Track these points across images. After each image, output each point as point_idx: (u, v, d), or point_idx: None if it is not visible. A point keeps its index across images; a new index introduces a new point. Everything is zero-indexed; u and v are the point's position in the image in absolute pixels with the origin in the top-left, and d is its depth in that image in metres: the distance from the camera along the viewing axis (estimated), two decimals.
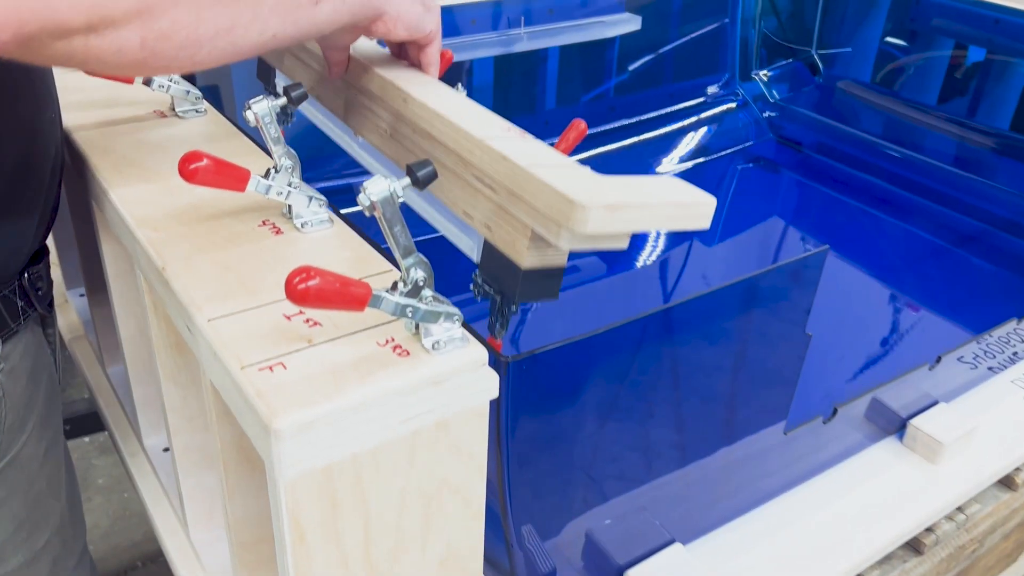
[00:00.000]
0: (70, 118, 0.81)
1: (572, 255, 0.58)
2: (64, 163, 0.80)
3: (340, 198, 0.85)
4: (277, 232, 0.65)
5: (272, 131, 0.62)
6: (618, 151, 1.65)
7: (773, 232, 1.67)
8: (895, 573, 0.88)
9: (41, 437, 0.77)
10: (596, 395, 0.67)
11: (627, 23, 1.48)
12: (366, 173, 0.82)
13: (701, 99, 1.75)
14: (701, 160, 1.73)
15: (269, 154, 0.68)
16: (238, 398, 0.51)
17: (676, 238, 1.57)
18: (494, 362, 0.56)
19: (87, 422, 1.93)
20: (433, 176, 0.50)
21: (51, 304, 0.84)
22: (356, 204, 0.85)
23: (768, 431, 0.82)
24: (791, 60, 1.83)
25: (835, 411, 0.86)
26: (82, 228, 0.89)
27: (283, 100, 0.62)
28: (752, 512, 0.87)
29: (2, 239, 0.70)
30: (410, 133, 0.68)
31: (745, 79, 1.80)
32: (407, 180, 0.49)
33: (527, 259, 0.58)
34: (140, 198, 0.69)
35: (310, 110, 0.89)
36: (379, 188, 0.48)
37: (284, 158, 0.64)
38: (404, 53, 0.76)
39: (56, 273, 1.14)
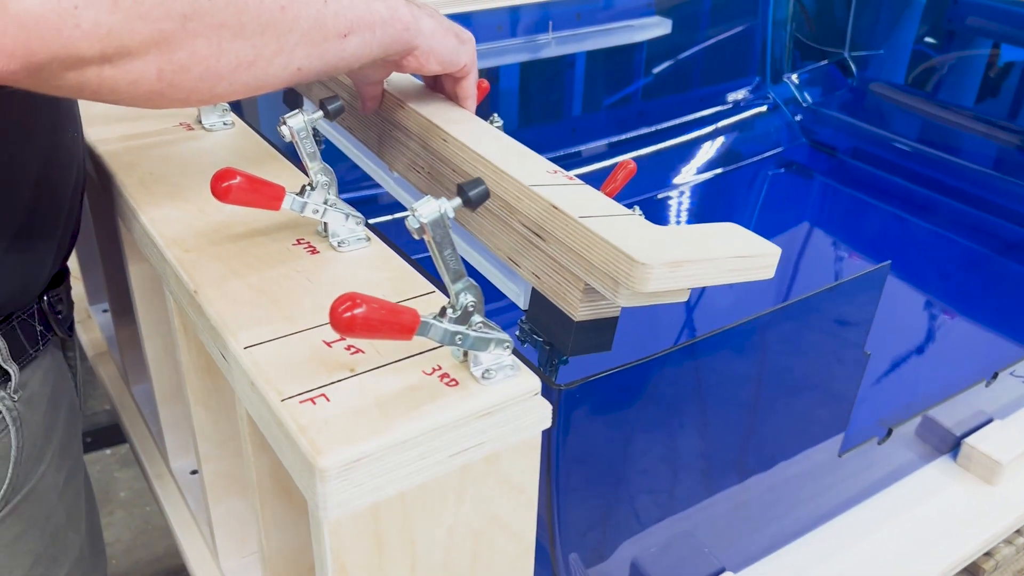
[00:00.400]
0: (93, 132, 0.78)
1: None
2: (87, 180, 0.77)
3: (364, 209, 0.82)
4: (313, 252, 0.62)
5: (308, 146, 0.59)
6: (647, 157, 1.61)
7: (806, 239, 1.63)
8: None
9: (60, 467, 0.74)
10: (647, 420, 0.63)
11: (657, 27, 1.45)
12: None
13: (731, 103, 1.71)
14: (732, 166, 1.69)
15: (303, 170, 0.66)
16: (278, 432, 0.48)
17: None
18: (545, 390, 0.53)
19: (109, 434, 1.91)
20: (485, 196, 0.47)
21: (71, 327, 0.81)
22: (383, 215, 0.82)
23: (821, 453, 0.79)
24: (823, 62, 1.79)
25: (890, 432, 0.82)
26: (107, 245, 0.86)
27: (319, 114, 0.59)
28: (804, 537, 0.83)
29: (21, 263, 0.67)
30: (450, 173, 0.66)
31: (776, 82, 1.76)
32: (458, 200, 0.46)
33: (580, 312, 0.56)
34: (169, 216, 0.66)
35: (341, 140, 0.86)
36: (429, 210, 0.45)
37: (320, 174, 0.61)
38: (439, 85, 0.74)
39: (79, 287, 1.11)
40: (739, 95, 1.72)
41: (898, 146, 1.67)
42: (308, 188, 0.61)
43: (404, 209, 0.78)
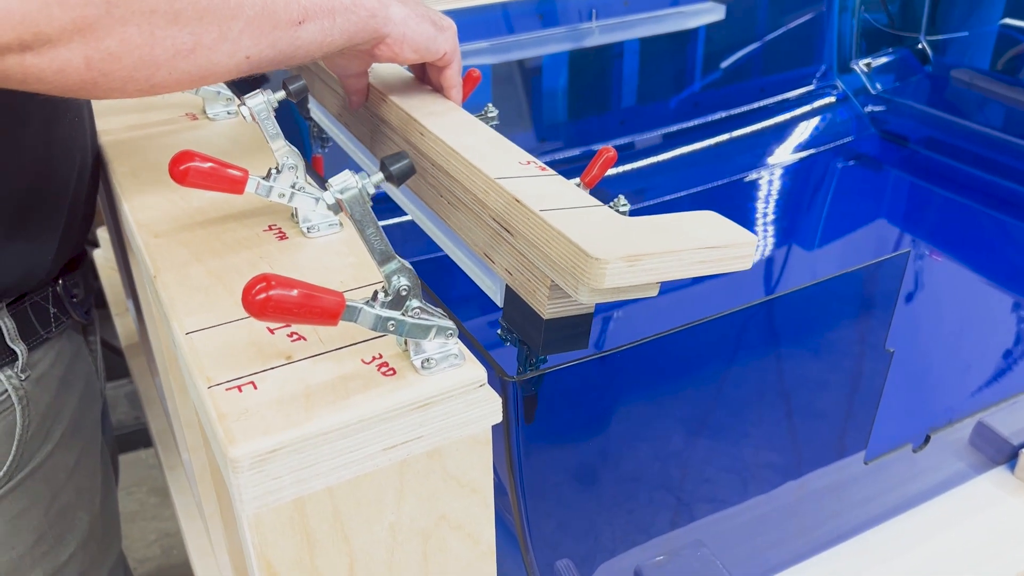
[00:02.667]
0: (101, 123, 0.79)
1: None
2: (101, 169, 0.78)
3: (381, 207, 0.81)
4: (282, 237, 0.60)
5: (269, 128, 0.57)
6: (704, 151, 1.55)
7: (879, 235, 1.53)
8: None
9: (71, 446, 0.75)
10: (630, 417, 0.59)
11: (709, 13, 1.39)
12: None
13: (795, 93, 1.63)
14: (796, 157, 1.61)
15: (305, 156, 0.64)
16: (205, 420, 0.46)
17: (774, 241, 1.47)
18: (499, 382, 0.49)
19: None
20: (410, 171, 0.44)
21: (89, 312, 0.82)
22: (402, 214, 0.80)
23: (847, 460, 0.72)
24: (896, 48, 1.68)
25: (927, 439, 0.75)
26: (118, 235, 0.87)
27: (281, 94, 0.57)
28: (828, 551, 0.77)
29: (22, 246, 0.68)
30: (430, 167, 0.65)
31: (844, 71, 1.66)
32: (379, 176, 0.43)
33: (548, 309, 0.53)
34: (148, 203, 0.65)
35: (340, 138, 0.85)
36: (347, 184, 0.42)
37: (287, 157, 0.59)
38: (426, 76, 0.72)
39: (117, 279, 1.14)
40: (804, 85, 1.63)
41: (980, 136, 1.55)
42: (274, 171, 0.59)
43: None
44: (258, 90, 0.57)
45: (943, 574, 0.76)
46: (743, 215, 1.51)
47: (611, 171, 1.49)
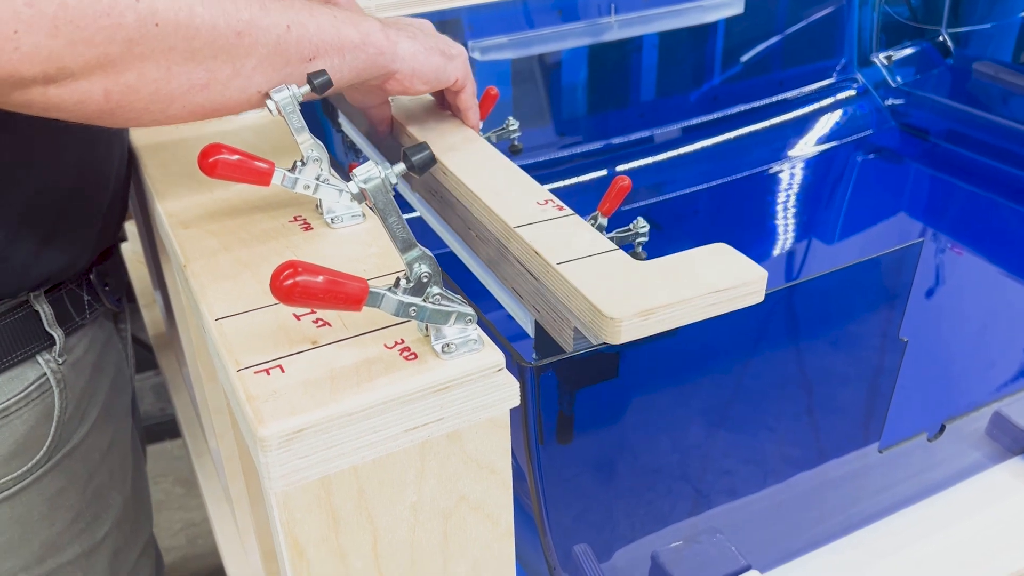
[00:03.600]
0: None
1: None
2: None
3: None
4: (307, 228, 0.62)
5: (295, 121, 0.59)
6: (723, 144, 1.55)
7: (899, 229, 1.53)
8: None
9: (104, 429, 0.78)
10: (647, 405, 0.60)
11: (728, 6, 1.39)
12: None
13: (814, 86, 1.63)
14: (815, 151, 1.61)
15: (331, 151, 0.66)
16: (235, 403, 0.48)
17: (794, 235, 1.47)
18: (517, 368, 0.51)
19: None
20: (431, 162, 0.45)
21: (120, 300, 0.85)
22: (422, 207, 0.82)
23: (862, 450, 0.73)
24: (917, 41, 1.68)
25: (943, 428, 0.76)
26: (147, 227, 0.89)
27: (306, 88, 0.59)
28: (843, 539, 0.77)
29: (64, 243, 0.71)
30: (455, 203, 0.67)
31: (863, 64, 1.66)
32: (401, 166, 0.45)
33: (575, 348, 0.56)
34: (178, 194, 0.67)
35: (372, 154, 0.88)
36: (370, 174, 0.44)
37: (312, 150, 0.60)
38: (444, 101, 0.75)
39: (144, 272, 1.16)
40: (823, 78, 1.63)
41: (1002, 129, 1.54)
42: (299, 164, 0.60)
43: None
44: (283, 84, 0.59)
45: (958, 563, 0.76)
46: (762, 209, 1.52)
47: (631, 164, 1.50)
